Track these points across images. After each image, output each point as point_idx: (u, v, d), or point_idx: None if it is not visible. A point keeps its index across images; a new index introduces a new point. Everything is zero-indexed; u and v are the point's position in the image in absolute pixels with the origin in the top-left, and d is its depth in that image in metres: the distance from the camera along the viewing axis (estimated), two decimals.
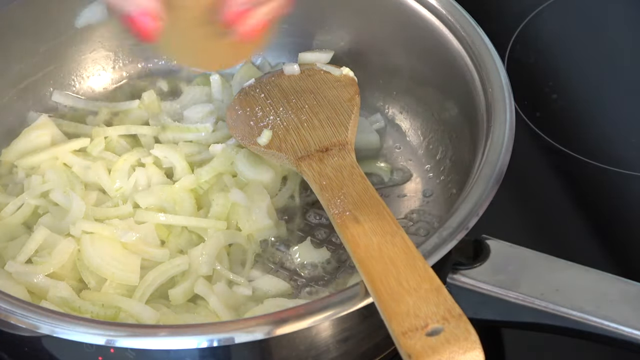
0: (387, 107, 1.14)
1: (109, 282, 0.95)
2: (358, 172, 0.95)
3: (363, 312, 0.83)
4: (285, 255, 1.02)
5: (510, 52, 1.25)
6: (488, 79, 0.99)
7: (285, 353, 0.86)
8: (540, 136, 1.16)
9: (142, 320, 0.92)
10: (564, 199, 1.11)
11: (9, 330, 0.83)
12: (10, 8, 1.09)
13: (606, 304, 0.86)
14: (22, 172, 1.06)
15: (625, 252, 1.06)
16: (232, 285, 0.97)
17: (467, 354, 0.74)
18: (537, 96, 1.20)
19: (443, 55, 1.05)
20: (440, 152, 1.09)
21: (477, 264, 0.89)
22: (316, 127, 1.03)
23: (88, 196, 1.03)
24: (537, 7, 1.30)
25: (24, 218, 1.02)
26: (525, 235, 1.05)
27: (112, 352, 0.84)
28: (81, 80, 1.17)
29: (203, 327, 0.82)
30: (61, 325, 0.81)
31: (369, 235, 0.85)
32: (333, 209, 0.90)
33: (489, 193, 0.89)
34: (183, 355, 0.85)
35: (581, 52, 1.26)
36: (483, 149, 0.94)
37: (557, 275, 0.89)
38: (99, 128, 1.09)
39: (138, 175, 1.04)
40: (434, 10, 1.06)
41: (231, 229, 1.01)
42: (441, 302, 0.77)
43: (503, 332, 0.98)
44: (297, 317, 0.81)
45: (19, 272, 0.95)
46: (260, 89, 1.10)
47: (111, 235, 0.97)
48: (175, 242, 1.00)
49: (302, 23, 1.16)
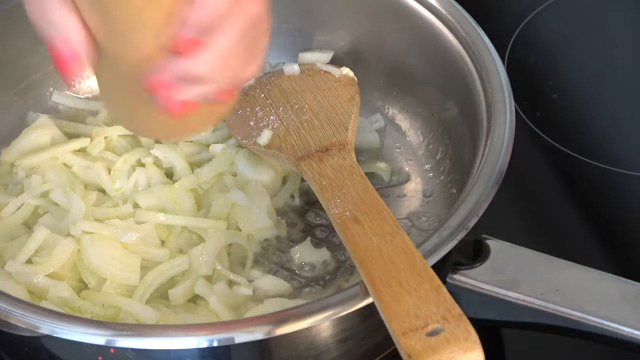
0: (387, 107, 1.14)
1: (109, 282, 0.95)
2: (358, 172, 0.95)
3: (363, 312, 0.83)
4: (285, 255, 1.02)
5: (510, 52, 1.25)
6: (488, 79, 0.99)
7: (285, 353, 0.86)
8: (540, 136, 1.16)
9: (142, 320, 0.92)
10: (564, 199, 1.11)
11: (9, 330, 0.83)
12: (10, 8, 1.09)
13: (606, 304, 0.86)
14: (22, 172, 1.06)
15: (625, 252, 1.06)
16: (232, 285, 0.97)
17: (467, 354, 0.74)
18: (537, 96, 1.20)
19: (443, 55, 1.05)
20: (440, 152, 1.09)
21: (477, 264, 0.89)
22: (316, 127, 1.03)
23: (88, 196, 1.03)
24: (537, 7, 1.30)
25: (24, 218, 1.02)
26: (525, 235, 1.05)
27: (112, 352, 0.84)
28: (81, 80, 1.17)
29: (203, 327, 0.82)
30: (61, 325, 0.81)
31: (369, 235, 0.85)
32: (333, 209, 0.90)
33: (489, 193, 0.89)
34: (183, 355, 0.85)
35: (581, 52, 1.26)
36: (483, 149, 0.94)
37: (557, 275, 0.89)
38: (99, 128, 1.09)
39: (138, 175, 1.04)
40: (434, 10, 1.06)
41: (231, 229, 1.01)
42: (441, 302, 0.77)
43: (503, 332, 0.98)
44: (297, 317, 0.81)
45: (19, 272, 0.95)
46: (260, 89, 1.11)
47: (111, 235, 0.97)
48: (175, 242, 1.00)
49: (302, 23, 1.16)
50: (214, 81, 0.75)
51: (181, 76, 0.74)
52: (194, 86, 0.75)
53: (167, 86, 0.75)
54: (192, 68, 0.74)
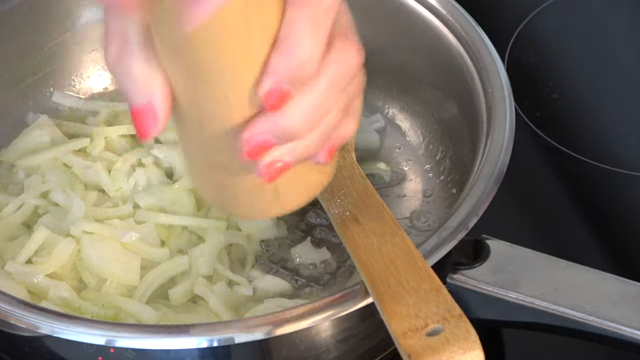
0: (387, 107, 1.14)
1: (109, 282, 0.95)
2: (358, 172, 0.95)
3: (363, 312, 0.83)
4: (285, 255, 1.02)
5: (510, 52, 1.25)
6: (488, 79, 0.99)
7: (285, 353, 0.86)
8: (540, 136, 1.16)
9: (142, 320, 0.92)
10: (564, 199, 1.11)
11: (9, 330, 0.83)
12: (10, 8, 1.09)
13: (606, 304, 0.86)
14: (22, 172, 1.06)
15: (625, 252, 1.06)
16: (232, 285, 0.97)
17: (467, 354, 0.74)
18: (537, 96, 1.20)
19: (443, 55, 1.05)
20: (440, 152, 1.09)
21: (477, 264, 0.89)
22: None
23: (88, 196, 1.03)
24: (537, 7, 1.30)
25: (24, 218, 1.02)
26: (525, 235, 1.05)
27: (112, 352, 0.84)
28: (81, 80, 1.17)
29: (203, 327, 0.82)
30: (61, 325, 0.81)
31: (369, 235, 0.85)
32: (333, 209, 0.90)
33: (489, 193, 0.89)
34: (183, 355, 0.85)
35: (581, 52, 1.26)
36: (483, 149, 0.94)
37: (557, 275, 0.89)
38: (99, 128, 1.09)
39: (138, 175, 1.04)
40: (434, 10, 1.06)
41: (231, 229, 1.01)
42: (441, 302, 0.77)
43: (503, 332, 0.98)
44: (297, 317, 0.81)
45: (19, 272, 0.95)
46: None
47: (111, 235, 0.97)
48: (175, 242, 1.00)
49: None
50: (310, 139, 0.69)
51: (276, 134, 0.68)
52: (289, 146, 0.69)
53: (263, 145, 0.68)
54: (285, 123, 0.67)
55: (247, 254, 1.01)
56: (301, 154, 0.70)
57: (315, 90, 0.67)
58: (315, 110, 0.68)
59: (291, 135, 0.68)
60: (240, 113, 0.68)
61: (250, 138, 0.68)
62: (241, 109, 0.68)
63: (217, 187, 0.76)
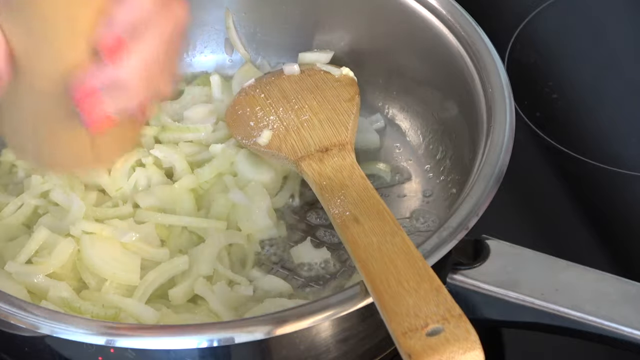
0: (387, 107, 1.14)
1: (109, 282, 0.95)
2: (358, 172, 0.95)
3: (363, 312, 0.83)
4: (285, 255, 1.02)
5: (510, 52, 1.25)
6: (488, 79, 0.99)
7: (285, 353, 0.86)
8: (540, 136, 1.16)
9: (142, 320, 0.92)
10: (564, 199, 1.11)
11: (9, 330, 0.83)
12: None
13: (606, 304, 0.86)
14: (22, 172, 1.06)
15: (625, 252, 1.06)
16: (232, 285, 0.97)
17: (467, 353, 0.74)
18: (537, 96, 1.20)
19: (443, 55, 1.05)
20: (440, 152, 1.09)
21: (477, 264, 0.89)
22: (316, 127, 1.03)
23: (88, 196, 1.03)
24: (537, 7, 1.30)
25: (24, 218, 1.02)
26: (525, 235, 1.05)
27: (112, 352, 0.84)
28: None
29: (203, 327, 0.82)
30: (61, 325, 0.81)
31: (369, 235, 0.85)
32: (333, 209, 0.90)
33: (489, 193, 0.89)
34: (183, 355, 0.85)
35: (581, 52, 1.26)
36: (483, 149, 0.94)
37: (557, 275, 0.89)
38: None
39: (138, 175, 1.04)
40: (434, 10, 1.06)
41: (231, 229, 1.01)
42: (441, 302, 0.77)
43: (503, 332, 0.98)
44: (297, 317, 0.81)
45: (19, 272, 0.95)
46: (260, 89, 1.11)
47: (111, 236, 0.97)
48: (175, 242, 1.00)
49: (302, 23, 1.16)
50: (136, 91, 0.74)
51: (107, 83, 0.73)
52: (116, 97, 0.74)
53: (93, 94, 0.73)
54: (117, 74, 0.73)
55: (247, 254, 1.01)
56: (125, 105, 0.75)
57: (148, 42, 0.73)
58: (144, 63, 0.73)
59: (120, 84, 0.73)
60: (74, 64, 0.74)
61: (82, 85, 0.73)
62: (75, 60, 0.74)
63: (37, 141, 0.81)
